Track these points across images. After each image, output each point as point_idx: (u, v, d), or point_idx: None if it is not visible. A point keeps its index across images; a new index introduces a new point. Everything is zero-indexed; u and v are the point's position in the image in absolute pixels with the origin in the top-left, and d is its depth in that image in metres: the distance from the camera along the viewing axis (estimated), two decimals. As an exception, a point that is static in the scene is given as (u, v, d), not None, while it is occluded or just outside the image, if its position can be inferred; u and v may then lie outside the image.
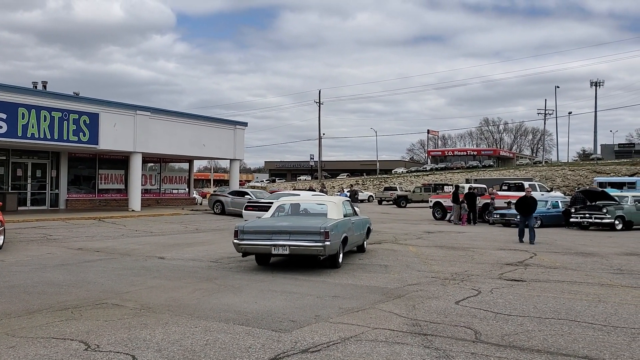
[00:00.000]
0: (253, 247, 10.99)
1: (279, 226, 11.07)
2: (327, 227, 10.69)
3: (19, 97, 23.70)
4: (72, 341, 5.88)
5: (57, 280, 9.55)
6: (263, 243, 10.81)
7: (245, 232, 11.05)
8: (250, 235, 11.01)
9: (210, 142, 33.07)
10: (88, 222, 22.24)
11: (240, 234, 11.04)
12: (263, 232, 10.99)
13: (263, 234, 10.93)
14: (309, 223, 11.16)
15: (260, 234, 10.98)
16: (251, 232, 11.05)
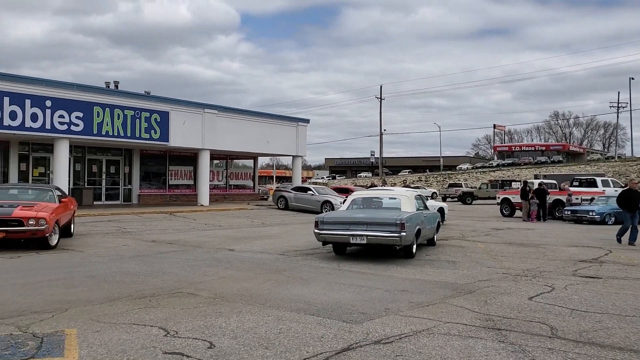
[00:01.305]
0: (332, 237, 11.69)
1: (357, 217, 11.70)
2: (403, 218, 11.26)
3: (94, 96, 24.83)
4: (152, 327, 6.13)
5: (134, 270, 9.97)
6: (342, 233, 11.50)
7: (325, 223, 11.75)
8: (329, 225, 11.69)
9: (273, 139, 33.55)
10: (160, 216, 23.06)
11: (320, 224, 11.77)
12: (341, 222, 11.66)
13: (341, 225, 11.60)
14: (385, 215, 11.74)
15: (338, 224, 11.64)
16: (330, 222, 11.74)
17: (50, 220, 12.11)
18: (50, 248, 12.37)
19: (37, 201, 13.33)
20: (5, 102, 21.69)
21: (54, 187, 14.88)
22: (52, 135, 23.27)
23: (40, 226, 11.81)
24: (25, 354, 5.09)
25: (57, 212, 12.84)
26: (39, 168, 26.63)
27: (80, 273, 9.51)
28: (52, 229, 12.35)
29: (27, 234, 11.90)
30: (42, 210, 12.27)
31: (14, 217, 11.75)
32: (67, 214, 14.22)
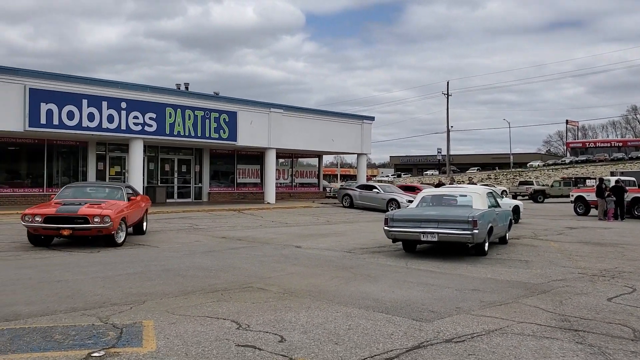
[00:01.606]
0: (403, 234, 11.70)
1: (427, 215, 11.66)
2: (475, 216, 11.13)
3: (166, 98, 25.75)
4: (225, 320, 6.29)
5: (206, 265, 10.26)
6: (412, 230, 11.50)
7: (395, 220, 11.76)
8: (400, 222, 11.70)
9: (338, 137, 33.64)
10: (229, 214, 23.62)
11: (390, 221, 11.78)
12: (412, 220, 11.65)
13: (412, 222, 11.59)
14: (456, 212, 11.65)
15: (409, 221, 11.64)
16: (401, 220, 11.75)
17: (115, 218, 12.22)
18: (117, 245, 12.50)
19: (107, 199, 13.51)
20: (84, 104, 22.82)
21: (124, 186, 15.03)
22: (127, 135, 24.29)
23: (104, 224, 11.94)
24: (106, 344, 5.34)
25: (123, 210, 12.99)
26: (115, 167, 27.86)
27: (155, 267, 9.88)
28: (118, 227, 12.49)
29: (93, 232, 12.09)
30: (108, 208, 12.40)
31: (80, 215, 11.95)
32: (136, 212, 14.35)
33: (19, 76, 21.64)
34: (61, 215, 11.96)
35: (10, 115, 21.21)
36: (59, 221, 11.93)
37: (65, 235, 12.05)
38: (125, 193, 14.17)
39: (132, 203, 14.04)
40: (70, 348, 5.18)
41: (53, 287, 7.99)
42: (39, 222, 11.91)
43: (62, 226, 11.86)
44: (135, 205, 14.30)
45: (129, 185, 16.67)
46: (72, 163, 26.94)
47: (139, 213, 14.66)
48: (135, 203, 14.32)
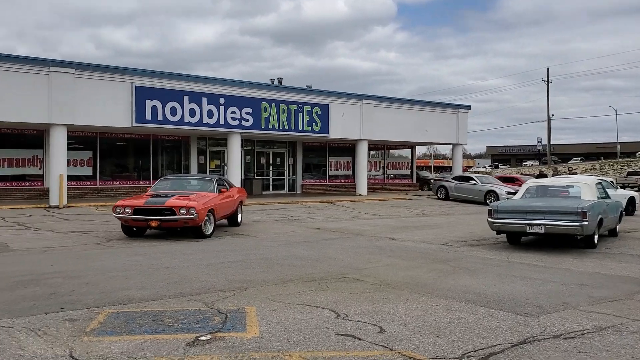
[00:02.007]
0: (507, 226, 11.44)
1: (533, 206, 11.32)
2: (585, 207, 10.70)
3: (261, 92, 26.41)
4: (324, 309, 6.36)
5: (303, 254, 10.43)
6: (517, 222, 11.22)
7: (499, 212, 11.53)
8: (504, 214, 11.45)
9: (432, 128, 33.00)
10: (321, 205, 23.89)
11: (494, 212, 11.57)
12: (517, 211, 11.36)
13: (517, 214, 11.31)
14: (564, 203, 11.25)
15: (514, 213, 11.36)
16: (505, 211, 11.49)
17: (201, 210, 12.22)
18: (204, 237, 12.53)
19: (197, 191, 13.61)
20: (186, 100, 23.88)
21: (215, 178, 14.94)
22: (225, 130, 25.17)
23: (190, 215, 11.96)
24: (212, 328, 5.56)
25: (212, 202, 13.00)
26: (215, 161, 28.97)
27: (255, 256, 10.18)
28: (205, 219, 12.54)
29: (179, 223, 12.19)
30: (195, 200, 12.44)
31: (166, 207, 12.12)
32: (228, 204, 14.31)
33: (127, 75, 22.99)
34: (149, 207, 12.23)
35: (119, 112, 22.59)
36: (147, 213, 12.20)
37: (154, 226, 12.30)
38: (216, 185, 14.18)
39: (223, 195, 14.05)
40: (179, 331, 5.44)
41: (161, 273, 8.44)
42: (129, 214, 12.23)
43: (150, 217, 12.12)
44: (227, 197, 14.33)
45: (222, 177, 16.58)
46: (175, 157, 28.32)
47: (231, 205, 14.69)
48: (227, 195, 14.35)
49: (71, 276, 8.12)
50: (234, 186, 16.28)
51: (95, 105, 21.92)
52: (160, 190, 13.94)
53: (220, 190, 14.12)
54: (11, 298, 6.75)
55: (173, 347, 4.94)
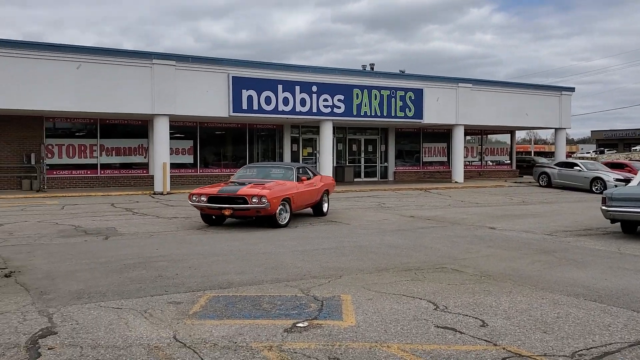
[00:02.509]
0: (623, 214, 10.93)
1: None
2: None
3: (353, 79, 26.28)
4: (421, 300, 6.19)
5: (397, 243, 10.25)
6: (635, 210, 10.71)
7: (614, 199, 11.01)
8: (620, 202, 10.93)
9: (532, 111, 31.43)
10: (415, 193, 23.48)
11: (609, 200, 11.04)
12: (635, 199, 10.81)
13: (635, 201, 10.77)
14: None
15: (631, 200, 10.84)
16: (621, 199, 10.96)
17: (273, 199, 11.92)
18: (279, 226, 12.24)
19: (276, 179, 13.42)
20: (279, 89, 24.25)
21: (296, 166, 14.54)
22: (317, 117, 25.32)
23: (262, 204, 11.72)
24: (309, 315, 5.56)
25: (288, 191, 12.70)
26: (307, 148, 29.28)
27: (348, 243, 10.14)
28: (280, 208, 12.27)
29: (252, 212, 12.01)
30: (268, 189, 12.18)
31: (239, 195, 11.95)
32: (309, 193, 13.87)
33: (223, 66, 23.67)
34: (222, 196, 12.13)
35: (217, 102, 23.33)
36: (220, 201, 12.10)
37: (227, 215, 12.17)
38: (295, 173, 13.81)
39: (303, 184, 13.65)
40: (277, 317, 5.48)
41: (259, 258, 8.60)
42: (204, 202, 12.19)
43: (223, 206, 12.01)
44: (308, 186, 13.90)
45: (304, 165, 15.91)
46: (269, 145, 28.91)
47: (313, 194, 14.16)
48: (308, 184, 13.93)
49: (175, 260, 8.46)
50: (317, 174, 15.54)
51: (194, 95, 22.77)
52: (240, 178, 13.95)
53: (300, 178, 13.75)
54: (120, 280, 7.12)
55: (271, 333, 4.98)
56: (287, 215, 12.62)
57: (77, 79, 20.68)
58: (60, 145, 23.72)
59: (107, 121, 24.49)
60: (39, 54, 20.27)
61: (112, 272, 7.57)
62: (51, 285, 6.81)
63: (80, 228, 12.20)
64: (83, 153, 24.19)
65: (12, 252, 9.21)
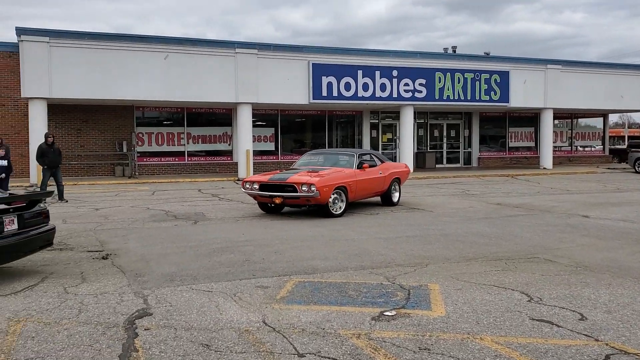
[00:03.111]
0: None
1: None
2: None
3: (435, 62, 25.69)
4: (513, 291, 5.93)
5: (485, 232, 9.92)
6: None
7: None
8: None
9: (628, 93, 29.51)
10: (500, 179, 22.70)
11: None
12: None
13: None
14: None
15: None
16: None
17: (323, 187, 11.33)
18: (333, 216, 11.71)
19: (334, 166, 12.85)
20: (359, 75, 24.10)
21: (357, 153, 13.72)
22: (398, 103, 24.98)
23: (310, 192, 11.17)
24: (396, 304, 5.46)
25: (343, 179, 12.08)
26: (387, 134, 28.99)
27: (433, 231, 9.92)
28: (334, 196, 11.75)
29: (302, 200, 11.53)
30: (318, 176, 11.62)
31: (288, 183, 11.55)
32: (372, 181, 13.12)
33: (304, 53, 23.80)
34: (272, 183, 11.78)
35: (298, 90, 23.53)
36: (271, 189, 11.75)
37: (278, 203, 11.79)
38: (356, 161, 13.04)
39: (364, 172, 12.83)
40: (364, 305, 5.43)
41: (342, 245, 8.58)
42: (256, 190, 11.93)
43: (274, 194, 11.64)
44: (372, 174, 13.10)
45: (369, 152, 15.03)
46: (348, 131, 28.86)
47: (378, 182, 13.38)
48: (371, 172, 13.12)
49: (261, 244, 8.60)
50: (385, 161, 14.56)
51: (275, 83, 23.06)
52: (302, 165, 13.62)
53: (361, 166, 12.91)
54: (209, 264, 7.32)
55: (359, 321, 4.94)
56: (343, 204, 12.03)
57: (165, 69, 21.47)
58: (149, 133, 24.79)
59: (193, 110, 25.31)
60: (129, 46, 21.21)
61: (201, 256, 7.80)
62: (145, 268, 7.10)
63: (170, 213, 12.69)
64: (171, 141, 25.16)
65: (108, 235, 9.70)
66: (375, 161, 13.92)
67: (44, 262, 7.48)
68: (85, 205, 14.25)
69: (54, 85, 20.21)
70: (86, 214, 12.59)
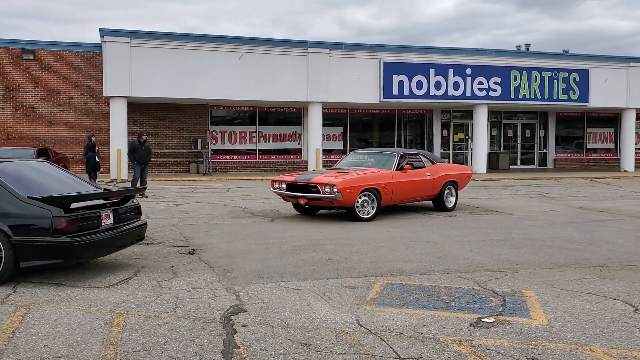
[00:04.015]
0: None
1: None
2: None
3: (511, 60, 24.96)
4: (615, 300, 5.63)
5: (572, 236, 9.50)
6: None
7: None
8: None
9: None
10: (579, 182, 21.80)
11: None
12: None
13: None
14: None
15: None
16: None
17: (346, 188, 10.65)
18: (361, 220, 10.99)
19: (371, 167, 12.20)
20: (431, 73, 23.72)
21: (400, 153, 12.72)
22: (471, 102, 24.41)
23: (332, 194, 10.57)
24: (492, 310, 5.29)
25: (375, 181, 11.34)
26: (459, 134, 28.42)
27: (517, 235, 9.59)
28: (362, 199, 11.02)
29: (325, 202, 10.98)
30: (342, 177, 10.99)
31: (311, 183, 11.00)
32: (415, 184, 12.29)
33: (375, 51, 23.66)
34: (298, 184, 11.30)
35: (368, 88, 23.42)
36: (297, 189, 11.25)
37: (302, 204, 11.38)
38: (396, 161, 12.16)
39: (405, 173, 12.01)
40: (459, 310, 5.29)
41: (424, 247, 8.42)
42: (284, 190, 11.49)
43: (299, 194, 11.14)
44: (415, 176, 12.27)
45: (414, 152, 13.73)
46: (417, 131, 28.49)
47: (424, 185, 12.53)
48: (414, 173, 12.28)
49: (341, 244, 8.57)
50: (439, 163, 13.66)
51: (345, 82, 23.05)
52: (343, 164, 13.12)
53: (402, 167, 12.07)
54: (294, 261, 7.35)
55: (457, 326, 4.80)
56: (373, 209, 11.24)
57: (239, 69, 21.88)
58: (223, 132, 25.35)
59: (265, 109, 25.68)
60: (204, 46, 21.76)
61: (284, 253, 7.85)
62: (232, 264, 7.21)
63: (247, 210, 12.90)
64: (243, 139, 25.64)
65: (192, 230, 9.95)
66: (424, 162, 12.99)
67: (134, 255, 7.74)
68: (164, 201, 14.70)
69: (134, 84, 20.98)
70: (167, 210, 12.97)
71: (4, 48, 22.96)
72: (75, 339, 4.46)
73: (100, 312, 5.14)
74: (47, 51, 23.28)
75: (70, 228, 6.04)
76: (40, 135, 23.28)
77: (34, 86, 23.23)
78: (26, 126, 23.26)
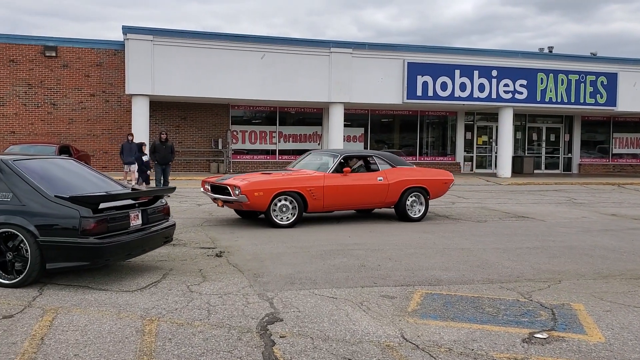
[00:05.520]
0: None
1: None
2: None
3: (537, 62, 24.49)
4: (673, 317, 5.28)
5: (611, 245, 9.13)
6: None
7: None
8: None
9: None
10: (607, 188, 21.28)
11: None
12: None
13: None
14: None
15: None
16: None
17: (253, 191, 9.92)
18: (278, 226, 10.17)
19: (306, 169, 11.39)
20: (456, 74, 23.33)
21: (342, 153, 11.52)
22: (497, 104, 23.98)
23: (237, 196, 9.93)
24: (543, 325, 4.98)
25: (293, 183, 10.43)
26: (483, 137, 27.97)
27: (554, 243, 9.23)
28: (272, 203, 10.12)
29: (236, 205, 10.33)
30: (247, 180, 10.32)
31: (224, 185, 10.38)
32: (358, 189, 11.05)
33: (399, 52, 23.32)
34: (217, 185, 10.64)
35: (391, 89, 23.09)
36: (217, 191, 10.58)
37: (220, 206, 10.82)
38: (335, 163, 11.04)
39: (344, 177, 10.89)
40: (508, 324, 4.98)
41: (459, 254, 8.11)
42: (209, 191, 10.87)
43: (218, 196, 10.47)
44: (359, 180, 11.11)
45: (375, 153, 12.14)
46: (440, 132, 28.08)
47: (374, 191, 11.20)
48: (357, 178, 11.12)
49: (372, 249, 8.29)
50: (403, 166, 11.97)
51: (368, 83, 22.74)
52: (293, 165, 12.31)
53: (341, 170, 10.98)
54: (325, 267, 7.08)
55: (509, 342, 4.50)
56: (293, 215, 10.33)
57: (260, 69, 21.68)
58: (243, 131, 25.19)
59: (285, 109, 25.46)
60: (226, 45, 21.59)
61: (314, 258, 7.59)
62: (262, 268, 6.96)
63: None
64: (263, 139, 25.45)
65: (217, 232, 9.73)
66: (378, 165, 11.58)
67: (161, 257, 7.53)
68: (187, 201, 14.53)
69: (156, 82, 20.87)
70: (190, 209, 12.79)
71: (27, 45, 23.00)
72: (107, 347, 4.23)
73: (131, 319, 4.92)
74: (69, 48, 23.27)
75: (98, 229, 5.83)
76: (62, 132, 23.28)
77: (56, 83, 23.23)
78: (48, 123, 23.27)
